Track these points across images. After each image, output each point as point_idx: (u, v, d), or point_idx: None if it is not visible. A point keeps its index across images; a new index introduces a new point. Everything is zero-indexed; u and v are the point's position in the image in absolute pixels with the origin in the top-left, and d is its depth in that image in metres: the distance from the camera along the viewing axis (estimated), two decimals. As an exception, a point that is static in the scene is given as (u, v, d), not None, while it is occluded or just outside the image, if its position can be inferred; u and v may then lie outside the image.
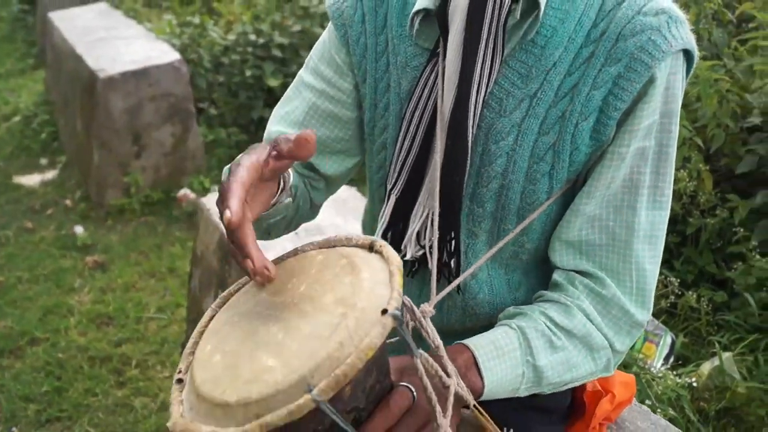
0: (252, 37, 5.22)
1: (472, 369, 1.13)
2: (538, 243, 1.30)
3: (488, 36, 1.16)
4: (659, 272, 1.30)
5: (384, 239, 1.31)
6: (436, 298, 1.18)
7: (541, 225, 1.27)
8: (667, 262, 3.27)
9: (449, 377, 1.00)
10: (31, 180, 5.05)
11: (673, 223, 3.29)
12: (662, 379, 2.70)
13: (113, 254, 4.19)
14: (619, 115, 1.16)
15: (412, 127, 1.24)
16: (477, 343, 1.16)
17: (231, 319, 0.96)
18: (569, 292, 1.24)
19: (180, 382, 0.94)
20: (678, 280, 3.11)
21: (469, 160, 1.20)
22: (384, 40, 1.32)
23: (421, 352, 0.95)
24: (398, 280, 0.90)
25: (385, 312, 0.85)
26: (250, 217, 0.94)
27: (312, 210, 1.50)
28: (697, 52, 1.18)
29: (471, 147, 1.20)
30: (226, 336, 0.93)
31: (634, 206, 1.21)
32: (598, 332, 1.23)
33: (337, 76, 1.38)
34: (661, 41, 1.13)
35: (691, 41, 1.16)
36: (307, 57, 1.44)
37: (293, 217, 1.42)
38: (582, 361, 1.23)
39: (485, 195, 1.24)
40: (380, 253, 0.97)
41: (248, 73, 5.07)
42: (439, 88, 1.21)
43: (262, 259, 0.93)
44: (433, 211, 1.22)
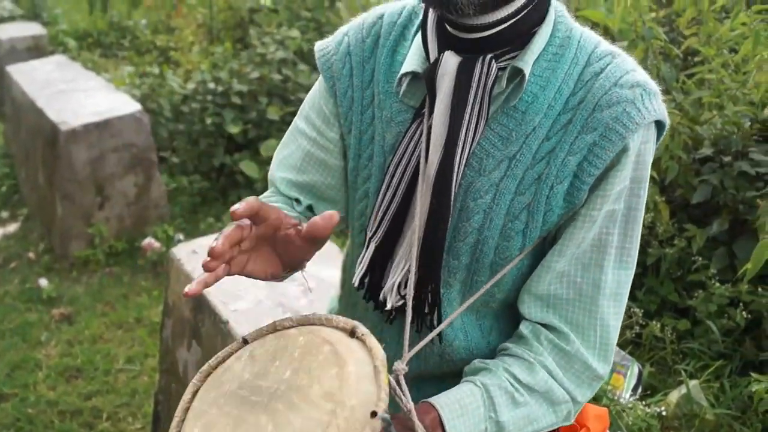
0: (211, 86, 5.25)
1: (437, 429, 1.19)
2: (508, 294, 1.35)
3: (474, 101, 1.20)
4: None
5: (361, 285, 1.35)
6: (410, 353, 1.22)
7: (512, 278, 1.32)
8: (630, 293, 3.32)
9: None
10: (-7, 234, 5.01)
11: (634, 254, 3.35)
12: (632, 410, 2.74)
13: (79, 306, 4.16)
14: (593, 180, 1.21)
15: (395, 179, 1.28)
16: (443, 402, 1.21)
17: (217, 401, 0.98)
18: (533, 348, 1.29)
19: None
20: (641, 311, 3.17)
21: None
22: (370, 94, 1.37)
23: None
24: (384, 378, 0.93)
25: (374, 414, 0.87)
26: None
27: None
28: (668, 121, 1.24)
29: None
30: (213, 421, 0.95)
31: (602, 265, 1.26)
32: (560, 387, 1.29)
33: (325, 126, 1.42)
34: (635, 113, 1.18)
35: (663, 113, 1.22)
36: (302, 104, 1.49)
37: None
38: (543, 415, 1.29)
39: (461, 249, 1.29)
40: (362, 341, 0.99)
41: (208, 120, 5.10)
42: (423, 146, 1.25)
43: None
44: (414, 264, 1.26)
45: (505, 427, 1.24)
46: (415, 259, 1.26)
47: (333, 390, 0.90)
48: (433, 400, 1.21)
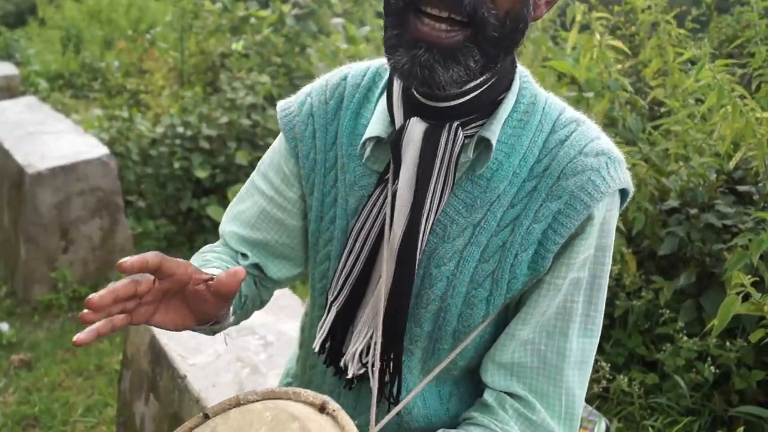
0: (180, 129, 5.23)
1: None
2: (470, 361, 1.32)
3: (440, 170, 1.19)
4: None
5: (322, 349, 1.33)
6: (377, 427, 1.19)
7: (474, 346, 1.30)
8: (597, 345, 3.30)
9: None
10: (-47, 276, 4.93)
11: (601, 305, 3.34)
12: (599, 466, 2.70)
13: (40, 352, 4.08)
14: (557, 248, 1.20)
15: (358, 244, 1.26)
16: None
17: None
18: (499, 416, 1.26)
19: None
20: (609, 364, 3.14)
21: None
22: (333, 156, 1.35)
23: None
24: None
25: None
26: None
27: (261, 306, 1.53)
28: (632, 189, 1.24)
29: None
30: None
31: (566, 333, 1.25)
32: None
33: (284, 186, 1.41)
34: (600, 182, 1.18)
35: (627, 181, 1.22)
36: (261, 159, 1.47)
37: (242, 318, 1.46)
38: None
39: (424, 316, 1.27)
40: (333, 418, 0.96)
41: (176, 164, 5.07)
42: (387, 211, 1.24)
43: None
44: (379, 333, 1.24)
45: None
46: (380, 327, 1.24)
47: None
48: None
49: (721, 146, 3.10)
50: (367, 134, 1.27)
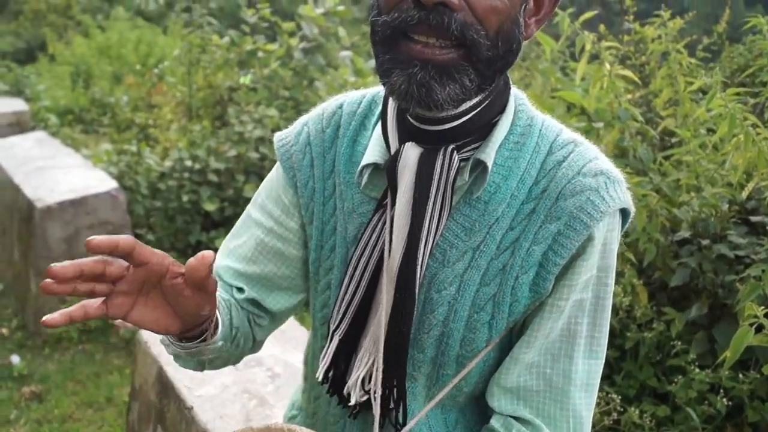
0: (188, 163, 5.26)
1: None
2: (475, 387, 1.31)
3: (437, 194, 1.18)
4: (600, 388, 1.31)
5: (326, 379, 1.31)
6: None
7: (478, 371, 1.29)
8: (608, 378, 3.28)
9: None
10: (-35, 310, 4.94)
11: (612, 336, 3.31)
12: (610, 500, 2.68)
13: (50, 384, 4.09)
14: (558, 269, 1.19)
15: (358, 272, 1.25)
16: None
17: None
18: None
19: None
20: (620, 396, 3.11)
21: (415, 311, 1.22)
22: (332, 184, 1.35)
23: None
24: None
25: None
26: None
27: (254, 346, 1.49)
28: (633, 209, 1.23)
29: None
30: None
31: (572, 355, 1.23)
32: None
33: (284, 216, 1.39)
34: (599, 202, 1.17)
35: (627, 200, 1.21)
36: (256, 192, 1.46)
37: (233, 355, 1.41)
38: None
39: (426, 341, 1.25)
40: None
41: (185, 198, 5.10)
42: (386, 237, 1.23)
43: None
44: (380, 359, 1.23)
45: None
46: (381, 354, 1.23)
47: None
48: None
49: (734, 176, 3.08)
50: (364, 161, 1.26)
